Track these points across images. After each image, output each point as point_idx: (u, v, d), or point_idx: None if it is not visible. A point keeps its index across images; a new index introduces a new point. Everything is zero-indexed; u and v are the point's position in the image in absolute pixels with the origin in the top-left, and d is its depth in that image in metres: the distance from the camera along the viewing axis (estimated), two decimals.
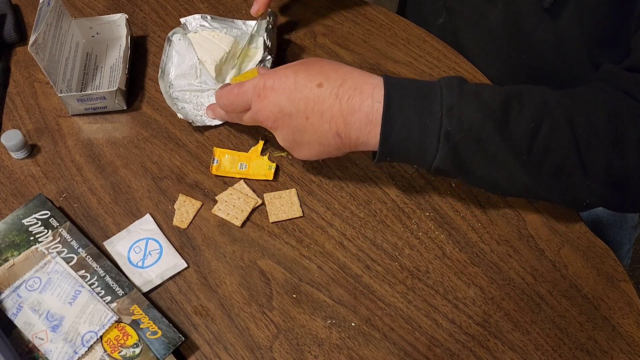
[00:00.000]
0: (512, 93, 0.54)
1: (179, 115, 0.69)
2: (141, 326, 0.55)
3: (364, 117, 0.54)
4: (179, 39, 0.76)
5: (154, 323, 0.55)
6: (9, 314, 0.56)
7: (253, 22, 0.76)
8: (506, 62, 0.75)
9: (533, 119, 0.52)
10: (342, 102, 0.54)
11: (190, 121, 0.69)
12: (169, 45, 0.75)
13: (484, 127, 0.52)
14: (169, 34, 0.76)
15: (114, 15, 0.76)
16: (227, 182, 0.67)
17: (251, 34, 0.75)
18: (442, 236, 0.63)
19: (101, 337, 0.55)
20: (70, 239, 0.61)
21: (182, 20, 0.76)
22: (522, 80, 0.75)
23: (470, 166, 0.54)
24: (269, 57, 0.71)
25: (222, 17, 0.77)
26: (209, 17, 0.76)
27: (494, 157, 0.53)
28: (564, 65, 0.70)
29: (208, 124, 0.70)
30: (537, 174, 0.54)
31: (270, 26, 0.72)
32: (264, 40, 0.71)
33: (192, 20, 0.76)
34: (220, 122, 0.70)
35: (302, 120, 0.56)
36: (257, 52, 0.75)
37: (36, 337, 0.55)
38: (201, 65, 0.73)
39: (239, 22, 0.77)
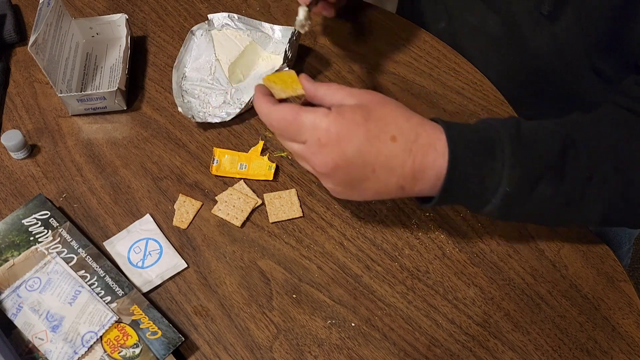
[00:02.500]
0: (569, 140, 0.52)
1: (179, 109, 0.69)
2: (141, 326, 0.55)
3: (433, 175, 0.51)
4: (202, 34, 0.76)
5: (153, 323, 0.55)
6: (9, 314, 0.56)
7: (279, 27, 0.76)
8: (506, 66, 0.75)
9: (587, 168, 0.51)
10: (415, 160, 0.50)
11: (190, 116, 0.69)
12: (190, 39, 0.76)
13: (540, 184, 0.51)
14: (193, 27, 0.76)
15: (113, 15, 0.76)
16: (227, 182, 0.67)
17: (273, 39, 0.76)
18: (442, 236, 0.63)
19: (101, 337, 0.55)
20: (70, 239, 0.61)
21: (210, 16, 0.77)
22: (522, 85, 0.75)
23: (518, 214, 0.54)
24: (286, 68, 0.71)
25: (249, 18, 0.77)
26: (235, 17, 0.77)
27: (545, 208, 0.53)
28: (563, 70, 0.70)
29: (209, 120, 0.70)
30: (584, 219, 0.55)
31: (295, 38, 0.72)
32: (286, 50, 0.70)
33: (219, 18, 0.77)
34: (220, 120, 0.70)
35: (367, 171, 0.51)
36: (276, 59, 0.75)
37: (36, 337, 0.55)
38: (217, 63, 0.73)
39: (267, 25, 0.77)
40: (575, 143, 0.52)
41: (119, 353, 0.54)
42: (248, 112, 0.72)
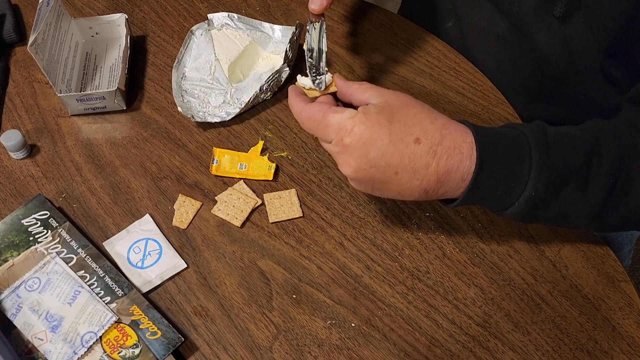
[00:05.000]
0: (593, 146, 0.52)
1: (178, 109, 0.69)
2: (141, 327, 0.55)
3: (459, 177, 0.50)
4: (202, 34, 0.76)
5: (153, 323, 0.55)
6: (9, 315, 0.56)
7: (279, 27, 0.76)
8: (516, 68, 0.74)
9: (611, 174, 0.52)
10: (439, 162, 0.50)
11: (190, 116, 0.69)
12: (190, 39, 0.76)
13: (565, 189, 0.51)
14: (193, 27, 0.76)
15: (113, 15, 0.76)
16: (226, 182, 0.66)
17: (273, 39, 0.76)
18: (442, 236, 0.63)
19: (100, 337, 0.55)
20: (70, 239, 0.60)
21: (209, 16, 0.77)
22: (533, 87, 0.75)
23: (540, 218, 0.54)
24: (287, 68, 0.71)
25: (249, 18, 0.77)
26: (235, 17, 0.77)
27: (568, 213, 0.53)
28: (574, 74, 0.70)
29: (209, 120, 0.70)
30: (603, 224, 0.55)
31: (295, 38, 0.72)
32: (286, 50, 0.70)
33: (218, 18, 0.77)
34: (220, 120, 0.70)
35: (389, 174, 0.50)
36: (276, 59, 0.75)
37: (36, 337, 0.55)
38: (217, 62, 0.73)
39: (267, 25, 0.77)
40: (600, 150, 0.52)
41: (118, 353, 0.54)
42: (248, 112, 0.72)
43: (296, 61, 0.75)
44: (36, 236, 0.61)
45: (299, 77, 0.57)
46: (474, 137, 0.50)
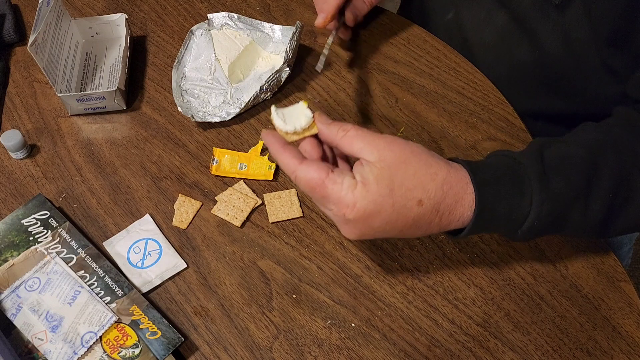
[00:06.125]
0: (592, 166, 0.52)
1: (179, 109, 0.69)
2: (141, 327, 0.55)
3: (459, 224, 0.51)
4: (201, 34, 0.76)
5: (153, 323, 0.55)
6: (9, 315, 0.56)
7: (279, 27, 0.76)
8: (515, 60, 0.74)
9: (611, 189, 0.52)
10: (442, 218, 0.50)
11: (190, 116, 0.69)
12: (190, 39, 0.76)
13: (567, 215, 0.51)
14: (193, 27, 0.76)
15: (113, 15, 0.76)
16: (226, 182, 0.66)
17: (273, 39, 0.76)
18: (442, 236, 0.63)
19: (101, 337, 0.55)
20: (70, 239, 0.60)
21: (209, 16, 0.77)
22: (532, 79, 0.75)
23: (540, 236, 0.54)
24: (287, 68, 0.71)
25: (249, 18, 0.77)
26: (235, 17, 0.77)
27: (569, 231, 0.54)
28: (574, 65, 0.70)
29: (209, 120, 0.70)
30: (605, 234, 0.55)
31: (296, 38, 0.72)
32: (286, 50, 0.70)
33: (218, 18, 0.77)
34: (220, 119, 0.70)
35: (394, 233, 0.50)
36: (276, 59, 0.76)
37: (35, 337, 0.55)
38: (217, 62, 0.73)
39: (267, 25, 0.77)
40: (599, 167, 0.52)
41: (118, 353, 0.54)
42: (248, 112, 0.72)
43: (296, 61, 0.75)
44: (36, 236, 0.61)
45: (273, 112, 0.51)
46: (473, 187, 0.50)
